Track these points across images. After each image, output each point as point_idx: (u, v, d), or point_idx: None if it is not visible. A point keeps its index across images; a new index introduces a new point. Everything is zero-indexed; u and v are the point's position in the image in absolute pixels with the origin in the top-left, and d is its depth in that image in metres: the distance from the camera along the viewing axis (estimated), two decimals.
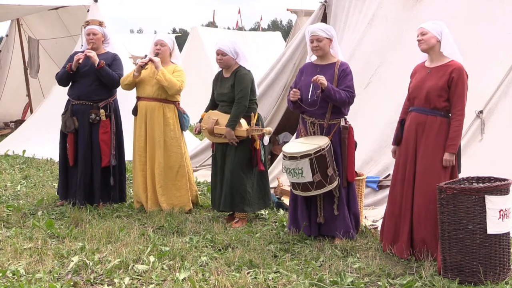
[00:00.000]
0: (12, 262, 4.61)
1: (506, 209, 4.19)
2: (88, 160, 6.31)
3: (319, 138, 5.16)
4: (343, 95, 5.06)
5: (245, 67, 5.83)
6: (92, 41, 6.35)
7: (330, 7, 8.13)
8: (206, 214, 6.20)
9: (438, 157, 4.67)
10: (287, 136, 8.51)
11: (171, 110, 6.23)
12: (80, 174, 6.30)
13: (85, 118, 6.27)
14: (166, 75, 6.04)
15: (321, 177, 5.04)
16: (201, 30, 17.08)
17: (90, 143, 6.30)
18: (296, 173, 5.08)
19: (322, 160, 5.02)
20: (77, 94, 6.31)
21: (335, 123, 5.20)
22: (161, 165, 6.17)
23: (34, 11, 11.71)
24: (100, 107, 6.28)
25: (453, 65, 4.68)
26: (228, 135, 5.69)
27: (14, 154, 9.72)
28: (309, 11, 13.07)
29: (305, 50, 8.03)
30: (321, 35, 5.19)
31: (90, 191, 6.35)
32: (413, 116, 4.81)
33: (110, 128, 6.32)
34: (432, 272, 4.38)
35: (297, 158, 5.04)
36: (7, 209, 6.23)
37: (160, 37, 6.28)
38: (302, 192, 5.15)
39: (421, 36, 4.75)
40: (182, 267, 4.52)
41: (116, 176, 6.45)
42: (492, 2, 6.73)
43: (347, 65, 5.25)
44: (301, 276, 4.35)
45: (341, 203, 5.19)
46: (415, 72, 4.94)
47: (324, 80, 4.99)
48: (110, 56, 6.38)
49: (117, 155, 6.41)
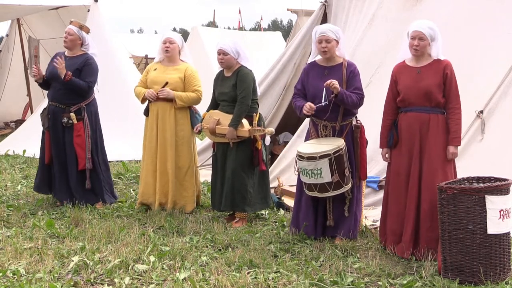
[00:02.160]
0: (12, 262, 4.61)
1: (507, 209, 4.19)
2: (62, 161, 6.37)
3: (332, 139, 5.13)
4: (354, 99, 5.05)
5: (246, 67, 5.83)
6: (66, 39, 6.37)
7: (330, 7, 8.13)
8: (206, 214, 6.20)
9: (445, 155, 4.71)
10: (287, 136, 8.51)
11: (183, 110, 6.21)
12: (56, 174, 6.38)
13: (58, 120, 6.31)
14: (183, 98, 6.09)
15: (339, 177, 5.01)
16: (201, 30, 17.10)
17: (63, 145, 6.35)
18: (314, 173, 5.01)
19: (340, 160, 5.00)
20: (51, 96, 6.39)
21: (347, 124, 5.19)
22: (173, 166, 6.17)
23: (34, 11, 11.71)
24: (71, 111, 6.27)
25: (443, 62, 4.74)
26: (230, 135, 5.69)
27: (15, 154, 9.72)
28: (309, 11, 13.07)
29: (305, 50, 8.03)
30: (331, 36, 5.15)
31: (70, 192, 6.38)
32: (412, 116, 4.79)
33: (84, 132, 6.32)
34: (433, 272, 4.38)
35: (317, 158, 4.98)
36: (8, 209, 6.23)
37: (169, 34, 6.27)
38: (320, 193, 5.08)
39: (419, 41, 4.72)
40: (182, 267, 4.52)
41: (97, 178, 6.45)
42: (492, 2, 6.72)
43: (355, 66, 5.23)
44: (301, 276, 4.35)
45: (352, 204, 5.18)
46: (397, 72, 4.92)
47: (337, 85, 4.94)
48: (82, 60, 6.33)
49: (96, 158, 6.43)
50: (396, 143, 4.90)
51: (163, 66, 6.24)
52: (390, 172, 4.99)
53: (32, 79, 12.56)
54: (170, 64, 6.24)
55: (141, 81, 6.37)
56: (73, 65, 6.25)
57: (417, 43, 4.73)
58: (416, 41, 4.73)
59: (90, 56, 6.40)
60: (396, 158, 4.92)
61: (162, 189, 6.21)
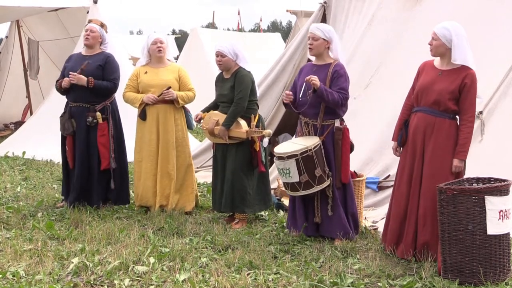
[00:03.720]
0: (12, 264, 4.60)
1: (506, 210, 4.19)
2: (85, 162, 6.27)
3: (310, 139, 5.18)
4: (335, 96, 5.05)
5: (245, 68, 5.83)
6: (88, 37, 6.31)
7: (330, 8, 8.13)
8: (206, 215, 6.20)
9: (447, 160, 4.63)
10: (287, 137, 8.49)
11: (179, 111, 6.27)
12: (77, 176, 6.27)
13: (83, 120, 6.22)
14: (184, 98, 6.19)
15: (308, 177, 5.05)
16: (201, 31, 17.10)
17: (87, 145, 6.26)
18: (284, 173, 5.15)
19: (309, 160, 5.04)
20: (73, 97, 6.27)
21: (329, 124, 5.20)
22: (175, 167, 6.20)
23: (33, 13, 11.72)
24: (97, 110, 6.23)
25: (466, 70, 4.60)
26: (221, 133, 5.72)
27: (14, 155, 9.73)
28: (308, 12, 13.07)
29: (305, 51, 8.02)
30: (318, 34, 5.19)
31: (88, 193, 6.31)
32: (420, 116, 4.74)
33: (108, 131, 6.29)
34: (432, 273, 4.38)
35: (284, 158, 5.10)
36: (7, 211, 6.22)
37: (158, 35, 6.28)
38: (292, 192, 5.22)
39: (432, 40, 4.68)
40: (182, 268, 4.52)
41: (117, 178, 6.40)
42: (491, 3, 6.73)
43: (342, 67, 5.22)
44: (301, 277, 4.35)
45: (335, 203, 5.19)
46: (422, 69, 4.84)
47: (316, 81, 4.98)
48: (102, 57, 6.30)
49: (117, 158, 6.38)
50: (404, 143, 4.88)
51: (153, 68, 6.22)
52: (397, 172, 4.97)
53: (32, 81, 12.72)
54: (160, 66, 6.24)
55: (130, 86, 6.27)
56: (94, 63, 6.22)
57: (431, 42, 4.70)
58: (431, 40, 4.70)
59: (110, 54, 6.39)
60: (402, 158, 4.89)
61: (163, 191, 6.20)
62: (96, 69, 6.19)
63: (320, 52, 5.25)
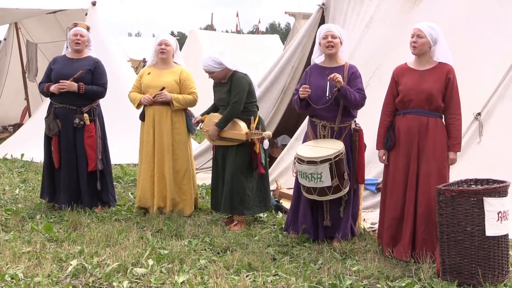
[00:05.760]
0: (10, 266, 4.60)
1: (505, 211, 4.19)
2: (73, 164, 6.29)
3: (331, 142, 5.13)
4: (357, 97, 5.05)
5: (241, 71, 5.81)
6: (79, 41, 6.31)
7: (328, 9, 8.13)
8: (205, 217, 6.20)
9: (443, 158, 4.71)
10: (285, 138, 8.51)
11: (179, 114, 6.22)
12: (64, 178, 6.29)
13: (68, 122, 6.23)
14: (180, 100, 6.12)
15: (339, 181, 5.01)
16: (199, 33, 17.07)
17: (74, 147, 6.28)
18: (314, 177, 5.01)
19: (340, 164, 5.00)
20: (60, 99, 6.27)
21: (346, 126, 5.20)
22: (171, 170, 6.17)
23: (32, 15, 11.70)
24: (84, 112, 6.24)
25: (446, 66, 4.74)
26: (211, 132, 5.72)
27: (13, 157, 9.71)
28: (307, 14, 13.09)
29: (303, 53, 8.04)
30: (336, 33, 5.19)
31: (78, 195, 6.33)
32: (411, 118, 4.79)
33: (95, 132, 6.30)
34: (431, 275, 4.38)
35: (317, 163, 4.96)
36: (6, 213, 6.22)
37: (164, 37, 6.28)
38: (318, 197, 5.10)
39: (417, 38, 4.74)
40: (181, 270, 4.52)
41: (105, 180, 6.42)
42: (489, 5, 6.74)
43: (356, 68, 5.24)
44: (300, 279, 4.35)
45: (348, 205, 5.20)
46: (398, 73, 4.91)
47: (341, 79, 4.96)
48: (92, 63, 6.32)
49: (104, 159, 6.39)
50: (393, 145, 4.89)
51: (157, 70, 6.23)
52: (387, 175, 4.98)
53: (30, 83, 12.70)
54: (164, 67, 6.24)
55: (135, 86, 6.34)
56: (83, 67, 6.23)
57: (415, 40, 4.74)
58: (415, 38, 4.74)
59: (98, 59, 6.40)
60: (394, 160, 4.91)
61: (161, 193, 6.20)
62: (85, 74, 6.22)
63: (337, 51, 5.21)
